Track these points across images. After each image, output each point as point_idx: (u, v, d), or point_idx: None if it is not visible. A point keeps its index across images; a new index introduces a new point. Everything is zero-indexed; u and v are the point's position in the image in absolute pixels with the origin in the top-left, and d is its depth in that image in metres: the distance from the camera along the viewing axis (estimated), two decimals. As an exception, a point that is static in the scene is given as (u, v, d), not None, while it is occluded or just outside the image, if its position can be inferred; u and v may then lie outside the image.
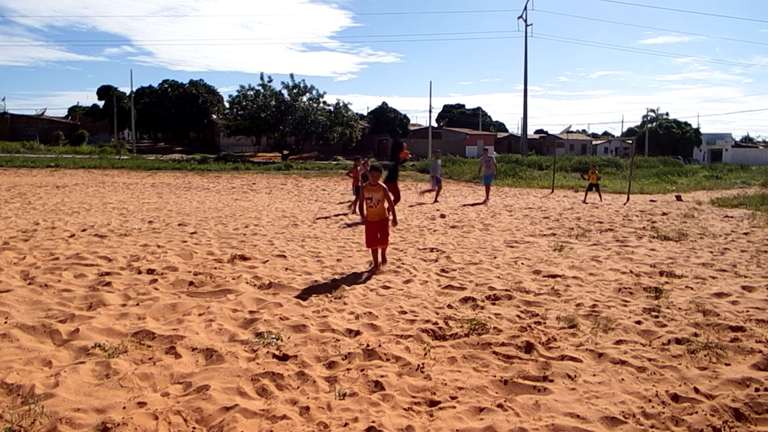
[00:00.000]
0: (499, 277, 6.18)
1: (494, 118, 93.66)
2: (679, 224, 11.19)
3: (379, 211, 6.43)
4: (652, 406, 3.04)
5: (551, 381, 3.40)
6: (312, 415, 2.90)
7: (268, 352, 3.78)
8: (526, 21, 50.44)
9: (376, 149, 62.31)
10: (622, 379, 3.41)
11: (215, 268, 6.40)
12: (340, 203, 15.51)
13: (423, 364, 3.62)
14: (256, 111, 45.87)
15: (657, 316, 4.70)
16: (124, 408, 2.90)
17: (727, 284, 5.93)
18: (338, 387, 3.25)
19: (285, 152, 48.26)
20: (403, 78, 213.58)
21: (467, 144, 63.71)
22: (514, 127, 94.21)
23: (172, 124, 66.26)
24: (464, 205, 15.30)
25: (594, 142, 76.52)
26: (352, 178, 14.48)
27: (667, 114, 73.54)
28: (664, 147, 64.39)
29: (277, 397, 3.11)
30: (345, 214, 12.42)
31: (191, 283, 5.63)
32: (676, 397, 3.14)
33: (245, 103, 46.69)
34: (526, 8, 50.62)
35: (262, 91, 47.00)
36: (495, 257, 7.43)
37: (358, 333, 4.23)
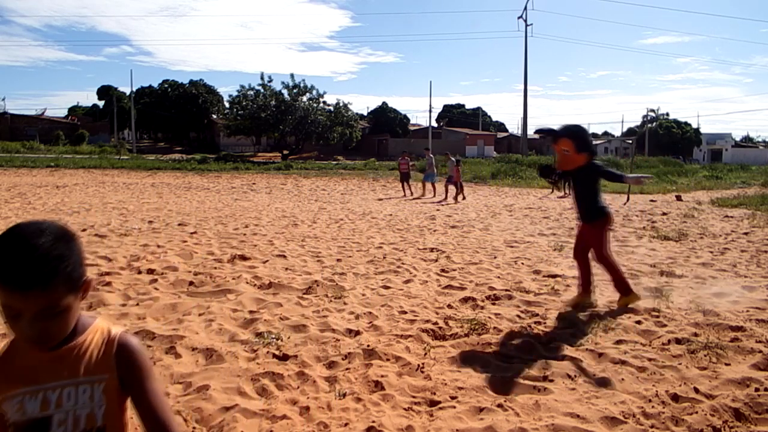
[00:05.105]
0: (499, 277, 6.18)
1: (494, 118, 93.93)
2: (679, 224, 11.18)
3: None
4: (652, 406, 3.04)
5: (551, 381, 3.40)
6: (312, 415, 2.89)
7: (268, 352, 3.78)
8: (526, 21, 50.46)
9: (376, 149, 62.24)
10: (622, 379, 3.41)
11: (215, 268, 6.39)
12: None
13: (423, 364, 3.62)
14: (256, 111, 45.92)
15: (657, 316, 4.70)
16: (124, 408, 2.90)
17: (727, 284, 5.92)
18: (338, 387, 3.25)
19: (285, 152, 48.30)
20: (403, 78, 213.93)
21: (467, 144, 63.72)
22: (514, 127, 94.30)
23: (172, 124, 66.27)
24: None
25: (594, 142, 76.38)
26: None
27: (667, 114, 73.57)
28: (664, 147, 64.36)
29: (277, 397, 3.11)
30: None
31: (191, 283, 5.63)
32: (676, 397, 3.14)
33: (245, 103, 46.76)
34: (526, 8, 50.65)
35: (262, 91, 47.07)
36: (495, 257, 7.43)
37: (358, 333, 4.23)
